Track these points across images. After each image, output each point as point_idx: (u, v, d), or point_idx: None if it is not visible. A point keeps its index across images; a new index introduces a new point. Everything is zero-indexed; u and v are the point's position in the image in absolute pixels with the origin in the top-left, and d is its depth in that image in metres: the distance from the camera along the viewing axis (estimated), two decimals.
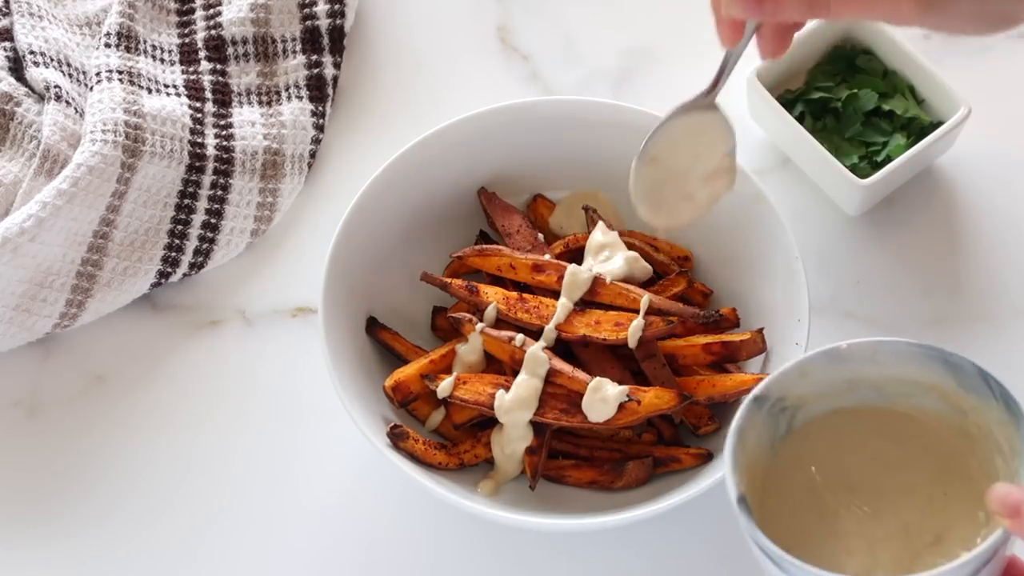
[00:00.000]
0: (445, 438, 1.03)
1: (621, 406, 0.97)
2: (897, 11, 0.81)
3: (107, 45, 1.15)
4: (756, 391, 0.81)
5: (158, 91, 1.14)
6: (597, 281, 1.02)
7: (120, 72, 1.13)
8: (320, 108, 1.16)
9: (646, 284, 1.05)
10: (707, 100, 0.94)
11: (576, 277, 1.02)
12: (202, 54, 1.18)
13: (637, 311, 1.00)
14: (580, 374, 0.99)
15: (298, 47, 1.17)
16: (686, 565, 1.02)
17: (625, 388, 0.98)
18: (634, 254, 1.04)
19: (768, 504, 0.81)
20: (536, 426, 1.00)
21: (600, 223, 1.05)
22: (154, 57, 1.17)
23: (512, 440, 1.00)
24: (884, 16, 0.82)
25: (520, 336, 1.01)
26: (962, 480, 0.81)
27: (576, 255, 1.06)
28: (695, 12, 1.20)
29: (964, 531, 0.79)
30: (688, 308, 1.01)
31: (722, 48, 0.91)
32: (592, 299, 1.02)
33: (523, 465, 1.01)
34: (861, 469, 0.83)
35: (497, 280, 1.05)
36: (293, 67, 1.17)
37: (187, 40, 1.18)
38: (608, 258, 1.04)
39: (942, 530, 0.80)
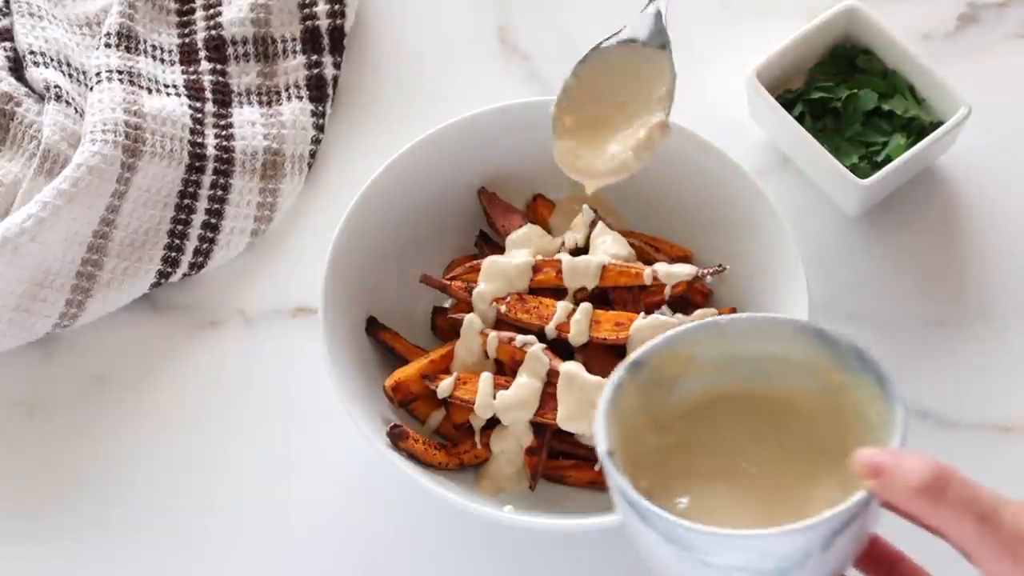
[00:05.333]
0: (445, 438, 1.03)
1: None
2: None
3: (107, 45, 1.15)
4: (634, 356, 0.80)
5: (158, 91, 1.14)
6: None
7: (120, 72, 1.13)
8: (320, 108, 1.16)
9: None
10: (659, 39, 0.89)
11: (575, 265, 1.02)
12: (202, 54, 1.17)
13: (643, 286, 1.00)
14: None
15: (298, 47, 1.17)
16: None
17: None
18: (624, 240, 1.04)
19: (636, 465, 0.80)
20: (536, 426, 1.00)
21: (600, 223, 1.05)
22: (154, 57, 1.17)
23: (512, 440, 1.00)
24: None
25: (520, 336, 1.01)
26: (837, 459, 0.80)
27: (576, 255, 1.06)
28: (694, 13, 1.20)
29: (832, 499, 0.79)
30: (691, 267, 1.02)
31: None
32: (596, 284, 1.02)
33: (523, 465, 1.01)
34: (735, 454, 0.82)
35: None
36: (293, 67, 1.17)
37: (187, 40, 1.18)
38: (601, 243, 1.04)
39: (810, 500, 0.79)
